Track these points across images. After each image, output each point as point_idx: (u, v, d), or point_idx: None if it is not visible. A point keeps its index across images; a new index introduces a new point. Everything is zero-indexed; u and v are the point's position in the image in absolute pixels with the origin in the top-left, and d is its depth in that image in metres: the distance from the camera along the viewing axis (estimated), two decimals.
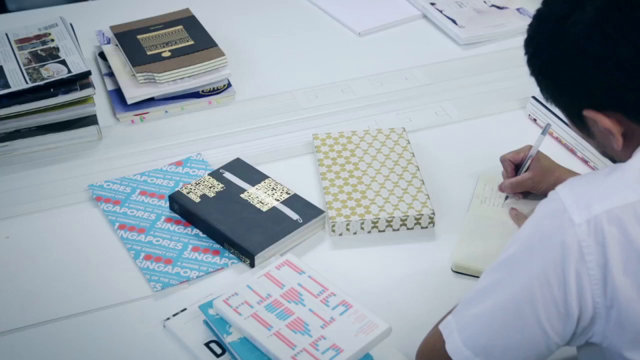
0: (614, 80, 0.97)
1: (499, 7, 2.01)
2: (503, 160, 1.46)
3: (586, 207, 0.94)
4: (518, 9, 2.00)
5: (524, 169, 1.44)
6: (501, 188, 1.45)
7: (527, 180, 1.43)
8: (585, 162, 1.53)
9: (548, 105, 1.11)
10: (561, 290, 0.95)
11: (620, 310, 0.93)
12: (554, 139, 1.59)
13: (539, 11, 1.05)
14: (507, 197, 1.46)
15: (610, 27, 0.96)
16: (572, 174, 1.42)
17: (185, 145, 1.59)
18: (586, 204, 0.94)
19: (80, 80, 1.56)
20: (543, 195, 1.37)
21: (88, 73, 1.57)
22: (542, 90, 1.08)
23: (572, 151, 1.56)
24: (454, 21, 1.95)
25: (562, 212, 0.95)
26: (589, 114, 1.01)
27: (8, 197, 1.47)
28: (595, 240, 0.93)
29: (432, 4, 2.01)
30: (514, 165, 1.46)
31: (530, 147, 1.44)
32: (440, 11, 1.98)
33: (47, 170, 1.53)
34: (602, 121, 1.00)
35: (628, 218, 0.92)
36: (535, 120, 1.65)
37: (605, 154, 1.10)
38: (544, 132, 1.44)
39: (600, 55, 0.97)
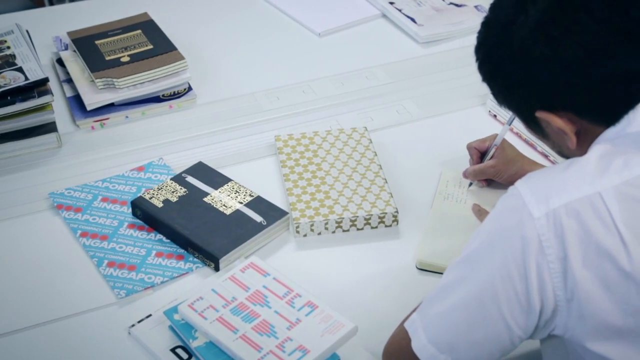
0: (562, 80, 0.98)
1: (457, 5, 2.03)
2: (469, 147, 1.49)
3: (545, 201, 0.95)
4: (476, 7, 2.01)
5: (488, 157, 1.46)
6: (465, 174, 1.48)
7: (490, 168, 1.45)
8: (546, 156, 1.55)
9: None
10: (523, 285, 0.96)
11: (581, 303, 0.94)
12: (514, 134, 1.61)
13: (486, 18, 1.07)
14: (470, 184, 1.48)
15: (554, 29, 0.97)
16: (535, 164, 1.45)
17: (146, 150, 1.58)
18: (545, 197, 0.95)
19: (38, 87, 1.55)
20: (506, 183, 1.40)
21: (46, 80, 1.56)
22: (494, 95, 1.10)
23: (532, 146, 1.58)
24: (413, 20, 1.95)
25: (521, 207, 0.96)
26: (541, 115, 1.02)
27: None
28: (554, 233, 0.94)
29: (391, 3, 2.01)
30: (480, 153, 1.47)
31: (496, 135, 1.46)
32: (399, 10, 1.99)
33: (7, 179, 1.51)
34: (554, 121, 1.01)
35: (586, 211, 0.93)
36: (495, 116, 1.67)
37: (561, 153, 1.11)
38: (509, 122, 1.46)
39: (546, 56, 0.98)
